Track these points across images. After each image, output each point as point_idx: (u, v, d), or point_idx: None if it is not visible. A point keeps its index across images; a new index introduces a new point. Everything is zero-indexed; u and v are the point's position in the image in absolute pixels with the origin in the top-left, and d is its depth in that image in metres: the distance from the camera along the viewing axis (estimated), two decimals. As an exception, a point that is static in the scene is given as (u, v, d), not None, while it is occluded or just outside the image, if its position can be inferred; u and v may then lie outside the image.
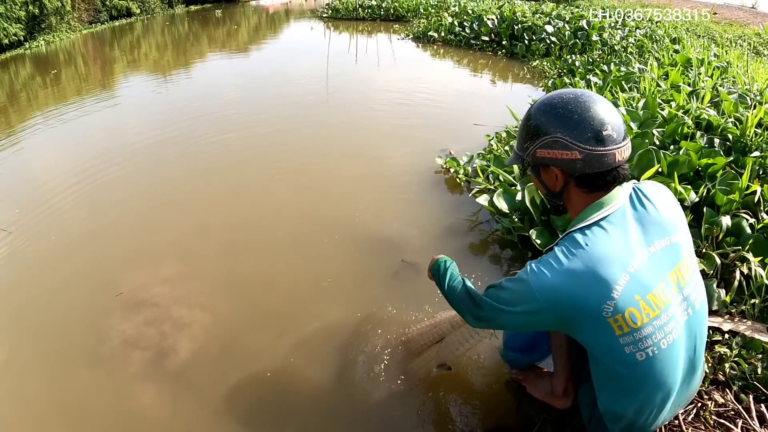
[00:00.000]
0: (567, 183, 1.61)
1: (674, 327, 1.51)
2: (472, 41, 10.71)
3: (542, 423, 2.09)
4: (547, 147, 1.59)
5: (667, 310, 1.50)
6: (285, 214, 4.01)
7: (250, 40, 14.69)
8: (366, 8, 16.22)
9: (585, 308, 1.47)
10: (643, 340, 1.48)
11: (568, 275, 1.48)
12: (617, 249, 1.49)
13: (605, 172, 1.55)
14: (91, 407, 2.44)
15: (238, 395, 2.44)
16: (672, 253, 1.54)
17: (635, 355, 1.49)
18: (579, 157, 1.53)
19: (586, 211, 1.58)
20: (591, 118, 1.52)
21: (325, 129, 6.03)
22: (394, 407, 2.34)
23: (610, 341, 1.50)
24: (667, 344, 1.50)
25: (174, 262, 3.45)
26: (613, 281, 1.45)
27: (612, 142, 1.51)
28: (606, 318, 1.46)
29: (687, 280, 1.56)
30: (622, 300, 1.45)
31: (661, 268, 1.52)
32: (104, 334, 2.86)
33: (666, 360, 1.52)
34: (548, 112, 1.60)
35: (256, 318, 2.95)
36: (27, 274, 3.46)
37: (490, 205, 3.70)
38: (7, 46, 13.75)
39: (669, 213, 1.58)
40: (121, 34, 16.66)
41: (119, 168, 5.08)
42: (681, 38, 8.62)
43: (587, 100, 1.55)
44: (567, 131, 1.54)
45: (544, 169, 1.66)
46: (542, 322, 1.57)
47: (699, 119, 3.82)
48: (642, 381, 1.55)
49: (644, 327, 1.47)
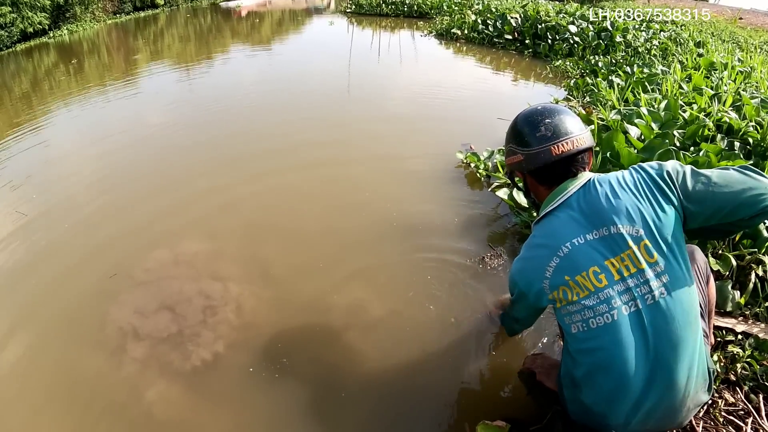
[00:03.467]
0: (528, 180, 2.00)
1: (607, 311, 1.65)
2: (495, 40, 10.68)
3: (553, 414, 2.12)
4: (507, 156, 2.03)
5: (598, 293, 1.66)
6: (309, 203, 4.06)
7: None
8: (389, 4, 16.22)
9: (533, 287, 1.84)
10: (573, 314, 1.73)
11: (520, 261, 1.91)
12: (555, 235, 1.78)
13: (553, 165, 1.84)
14: (99, 388, 2.49)
15: (268, 383, 2.49)
16: (613, 243, 1.67)
17: (570, 326, 1.75)
18: (521, 158, 1.90)
19: (545, 202, 1.90)
20: (528, 125, 1.88)
21: (347, 122, 6.06)
22: (400, 394, 2.37)
23: (557, 311, 1.84)
24: (597, 325, 1.66)
25: (199, 243, 3.51)
26: (546, 264, 1.77)
27: (545, 140, 1.82)
28: (547, 294, 1.80)
29: (634, 271, 1.65)
30: (553, 279, 1.75)
31: (595, 255, 1.68)
32: (112, 317, 2.91)
33: (599, 339, 1.66)
34: (508, 130, 2.01)
35: (281, 302, 2.99)
36: (43, 255, 3.52)
37: (509, 199, 3.74)
38: (32, 34, 13.92)
39: (623, 199, 1.71)
40: (145, 24, 16.79)
41: (140, 154, 5.17)
42: (705, 42, 8.56)
43: (531, 113, 1.92)
44: (513, 140, 1.95)
45: (514, 174, 2.13)
46: (531, 304, 1.96)
47: (720, 122, 3.81)
48: (579, 352, 1.76)
49: (575, 303, 1.71)
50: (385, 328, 2.75)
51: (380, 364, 2.53)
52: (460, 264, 3.20)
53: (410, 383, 2.42)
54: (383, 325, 2.76)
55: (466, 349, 2.56)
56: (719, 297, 2.50)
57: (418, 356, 2.56)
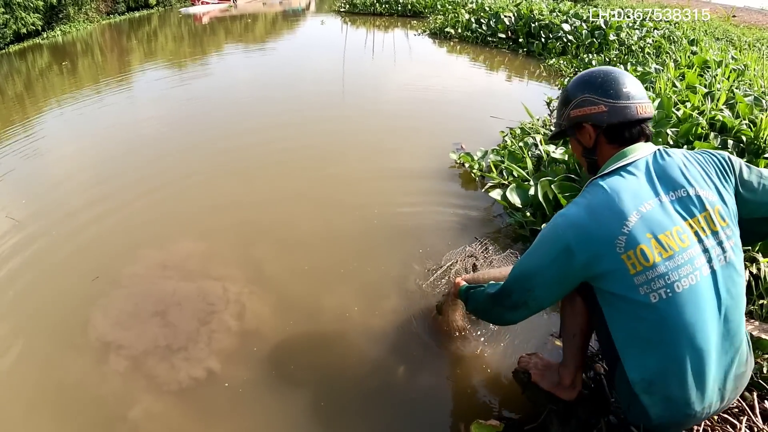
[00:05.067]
0: (598, 136, 1.82)
1: (691, 272, 1.54)
2: (489, 38, 10.72)
3: (548, 413, 2.12)
4: (578, 107, 1.83)
5: (682, 253, 1.55)
6: (301, 203, 4.05)
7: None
8: (383, 3, 16.25)
9: (600, 242, 1.59)
10: (656, 279, 1.54)
11: (585, 210, 1.65)
12: (632, 192, 1.62)
13: (629, 125, 1.75)
14: (82, 389, 2.46)
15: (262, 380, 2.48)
16: (692, 203, 1.61)
17: (649, 296, 1.55)
18: (604, 109, 1.76)
19: (610, 161, 1.77)
20: (613, 80, 1.78)
21: (341, 121, 6.07)
22: (394, 393, 2.37)
23: (626, 280, 1.57)
24: (683, 288, 1.53)
25: (191, 243, 3.50)
26: (625, 216, 1.58)
27: (632, 98, 1.74)
28: (620, 255, 1.57)
29: (708, 234, 1.59)
30: (633, 235, 1.56)
31: (676, 215, 1.59)
32: (94, 322, 2.86)
33: (684, 306, 1.53)
34: (577, 83, 1.87)
35: (275, 305, 2.97)
36: (31, 260, 3.47)
37: (503, 200, 3.74)
38: (25, 35, 13.87)
39: (690, 169, 1.67)
40: (139, 25, 16.74)
41: (131, 156, 5.14)
42: (699, 40, 8.58)
43: (609, 69, 1.83)
44: (593, 91, 1.79)
45: (579, 129, 1.87)
46: (570, 271, 1.66)
47: (713, 120, 3.81)
48: (659, 328, 1.57)
49: (657, 266, 1.54)
50: (377, 330, 2.74)
51: (374, 365, 2.52)
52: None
53: (405, 384, 2.41)
54: (375, 328, 2.75)
55: (461, 350, 2.56)
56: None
57: (413, 357, 2.55)
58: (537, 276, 1.74)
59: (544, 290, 1.76)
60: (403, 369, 2.49)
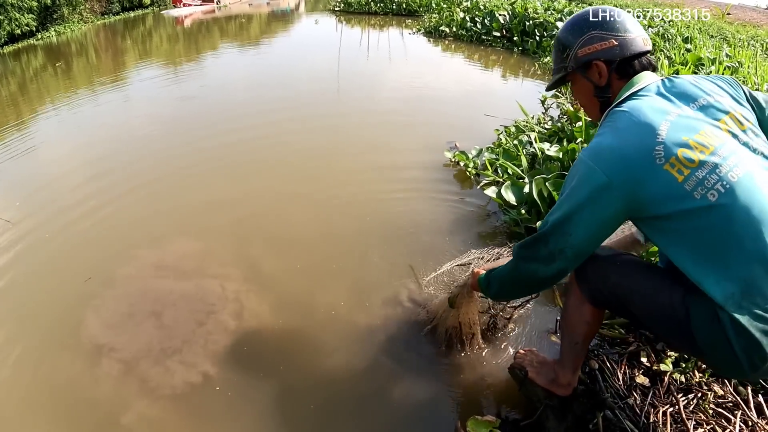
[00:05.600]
0: (610, 74, 1.77)
1: (739, 162, 1.46)
2: (484, 37, 10.72)
3: (544, 409, 2.12)
4: (585, 45, 1.78)
5: (723, 146, 1.48)
6: (297, 203, 4.05)
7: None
8: (378, 2, 16.25)
9: (638, 161, 1.49)
10: (707, 177, 1.44)
11: (613, 134, 1.58)
12: (653, 108, 1.58)
13: (638, 56, 1.75)
14: (77, 390, 2.45)
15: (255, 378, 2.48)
16: (713, 109, 1.59)
17: (707, 196, 1.43)
18: (615, 43, 1.73)
19: (620, 92, 1.73)
20: (615, 14, 1.78)
21: (335, 120, 6.07)
22: (391, 390, 2.38)
23: (678, 191, 1.46)
24: (738, 177, 1.43)
25: (186, 243, 3.49)
26: (656, 127, 1.51)
27: (636, 30, 1.75)
28: (662, 166, 1.46)
29: (740, 131, 1.56)
30: (670, 141, 1.48)
31: (703, 119, 1.56)
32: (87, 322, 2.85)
33: (747, 193, 1.42)
34: (576, 22, 1.83)
35: (271, 306, 2.96)
36: (27, 260, 3.46)
37: (498, 197, 3.74)
38: (19, 36, 13.84)
39: (704, 84, 1.67)
40: (133, 25, 16.71)
41: (125, 157, 5.12)
42: (693, 38, 8.60)
43: (604, 6, 1.82)
44: (599, 27, 1.76)
45: (587, 68, 1.81)
46: (612, 207, 1.53)
47: (707, 117, 3.82)
48: (728, 226, 1.43)
49: (704, 163, 1.44)
50: (372, 328, 2.74)
51: (369, 363, 2.53)
52: (449, 261, 3.19)
53: (402, 381, 2.42)
54: (371, 326, 2.75)
55: (457, 346, 2.56)
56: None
57: (408, 354, 2.56)
58: (574, 217, 1.58)
59: (585, 233, 1.60)
60: (399, 366, 2.49)
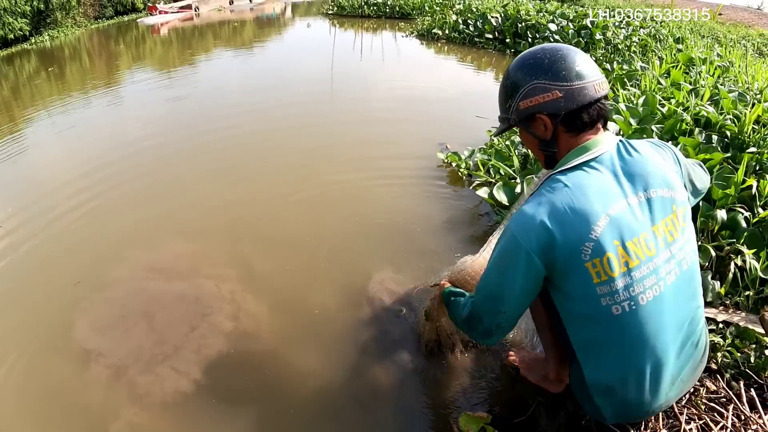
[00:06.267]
0: (556, 127, 1.60)
1: (656, 283, 1.46)
2: (476, 39, 10.75)
3: (537, 405, 2.13)
4: (527, 96, 1.60)
5: (648, 262, 1.46)
6: (290, 204, 4.04)
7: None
8: (371, 5, 16.26)
9: (564, 248, 1.45)
10: (619, 291, 1.44)
11: (546, 211, 1.48)
12: (598, 191, 1.48)
13: (588, 107, 1.56)
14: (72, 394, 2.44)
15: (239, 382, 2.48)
16: (658, 206, 1.51)
17: (611, 308, 1.46)
18: (560, 95, 1.54)
19: (570, 154, 1.59)
20: (561, 59, 1.56)
21: (328, 122, 6.08)
22: (384, 387, 2.38)
23: (588, 289, 1.46)
24: (647, 300, 1.46)
25: (182, 244, 3.49)
26: (593, 221, 1.44)
27: (586, 76, 1.55)
28: (585, 262, 1.44)
29: (675, 237, 1.52)
30: (601, 243, 1.43)
31: (644, 219, 1.49)
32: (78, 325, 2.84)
33: (647, 318, 1.46)
34: (521, 67, 1.64)
35: (266, 310, 2.97)
36: (17, 264, 3.45)
37: (490, 198, 3.76)
38: (13, 41, 13.78)
39: (657, 167, 1.56)
40: (127, 29, 16.66)
41: (117, 161, 5.09)
42: (685, 38, 8.64)
43: (554, 47, 1.61)
44: (542, 75, 1.57)
45: (531, 120, 1.65)
46: (537, 280, 1.53)
47: (698, 116, 3.84)
48: (620, 339, 1.49)
49: (622, 276, 1.44)
50: (364, 328, 2.75)
51: (361, 363, 2.53)
52: (442, 261, 3.20)
53: (394, 378, 2.42)
54: (362, 326, 2.76)
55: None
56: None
57: (401, 352, 2.56)
58: (504, 295, 1.59)
59: (516, 307, 1.62)
60: (392, 364, 2.50)
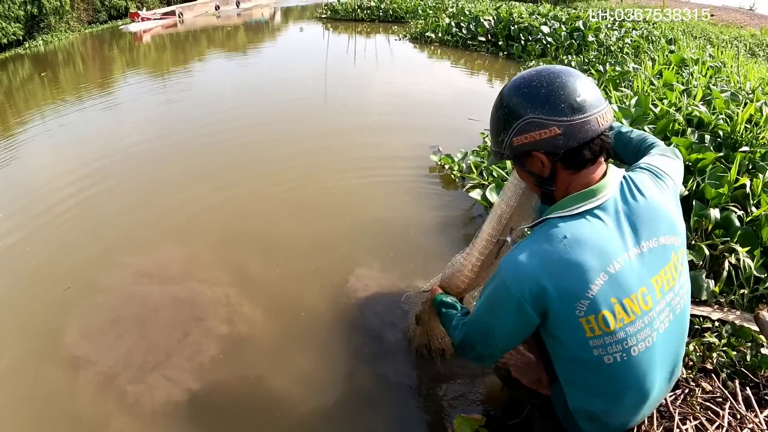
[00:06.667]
0: (554, 164, 1.45)
1: (650, 335, 1.42)
2: (469, 42, 10.75)
3: (531, 408, 2.12)
4: (522, 132, 1.43)
5: (644, 317, 1.41)
6: (284, 208, 4.04)
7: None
8: (365, 9, 16.28)
9: (557, 302, 1.38)
10: (613, 344, 1.40)
11: (541, 265, 1.38)
12: (600, 245, 1.37)
13: (590, 142, 1.40)
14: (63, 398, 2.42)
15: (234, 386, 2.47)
16: (659, 256, 1.44)
17: (603, 358, 1.41)
18: (559, 132, 1.37)
19: (573, 198, 1.44)
20: (560, 88, 1.38)
21: (321, 126, 6.07)
22: (378, 389, 2.37)
23: (580, 341, 1.42)
24: (639, 351, 1.42)
25: (174, 248, 3.47)
26: (590, 280, 1.35)
27: (589, 108, 1.37)
28: (579, 317, 1.37)
29: (672, 285, 1.47)
30: (597, 301, 1.36)
31: (644, 272, 1.41)
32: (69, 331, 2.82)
33: (637, 366, 1.44)
34: (514, 95, 1.45)
35: (257, 299, 2.97)
36: (5, 269, 3.44)
37: (482, 200, 3.75)
38: (6, 45, 13.77)
39: (662, 211, 1.46)
40: (120, 34, 16.64)
41: (109, 166, 5.07)
42: (677, 39, 8.66)
43: (551, 72, 1.42)
44: (538, 108, 1.39)
45: (527, 157, 1.49)
46: (529, 321, 1.45)
47: (690, 116, 3.84)
48: (609, 384, 1.48)
49: (617, 332, 1.38)
50: (359, 332, 2.73)
51: (356, 365, 2.52)
52: (436, 264, 3.18)
53: (388, 380, 2.41)
54: (358, 330, 2.75)
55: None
56: (693, 287, 2.51)
57: (394, 355, 2.56)
58: (495, 333, 1.55)
59: (507, 343, 1.60)
60: (386, 367, 2.49)
